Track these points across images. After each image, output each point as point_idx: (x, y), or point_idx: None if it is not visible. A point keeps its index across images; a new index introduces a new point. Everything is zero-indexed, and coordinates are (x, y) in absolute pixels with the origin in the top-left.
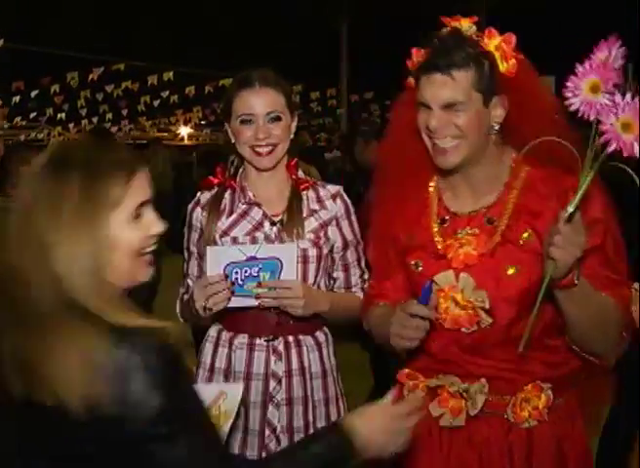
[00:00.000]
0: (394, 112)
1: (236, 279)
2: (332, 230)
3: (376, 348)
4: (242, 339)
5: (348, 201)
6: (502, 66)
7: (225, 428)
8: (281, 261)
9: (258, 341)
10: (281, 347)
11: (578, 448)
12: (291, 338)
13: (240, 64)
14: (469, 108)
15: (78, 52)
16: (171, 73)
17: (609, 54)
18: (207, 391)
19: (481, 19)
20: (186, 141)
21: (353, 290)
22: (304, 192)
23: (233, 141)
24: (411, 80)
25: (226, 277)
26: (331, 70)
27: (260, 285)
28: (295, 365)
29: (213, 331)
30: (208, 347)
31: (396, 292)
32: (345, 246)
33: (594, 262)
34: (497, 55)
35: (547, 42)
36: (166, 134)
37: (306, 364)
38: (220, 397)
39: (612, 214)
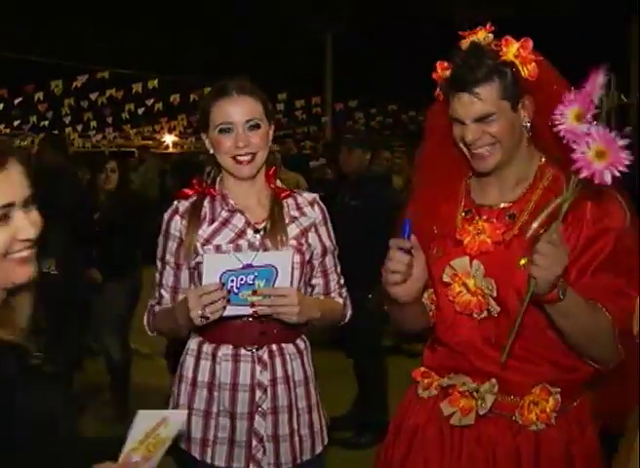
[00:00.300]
0: (428, 121)
1: (232, 287)
2: (312, 236)
3: (359, 355)
4: (226, 351)
5: (324, 207)
6: (524, 72)
7: (158, 455)
8: (276, 269)
9: (242, 352)
10: (266, 356)
11: (587, 454)
12: (274, 347)
13: (225, 73)
14: (500, 117)
15: (62, 59)
16: (155, 81)
17: (594, 85)
18: (149, 417)
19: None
20: (171, 149)
21: (332, 295)
22: (284, 200)
23: (212, 152)
24: (439, 92)
25: (222, 285)
26: (315, 79)
27: (255, 293)
28: (279, 373)
29: (193, 344)
30: (189, 361)
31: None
32: (324, 252)
33: (600, 271)
34: (517, 61)
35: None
36: (150, 141)
37: (290, 372)
38: (161, 423)
39: (629, 223)
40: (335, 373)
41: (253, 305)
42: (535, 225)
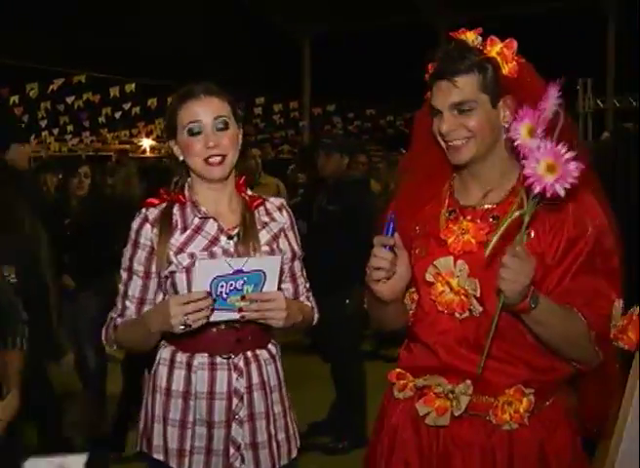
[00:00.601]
0: (415, 123)
1: (221, 292)
2: (282, 241)
3: (337, 360)
4: (202, 359)
5: (291, 212)
6: (505, 69)
7: None
8: (265, 274)
9: (218, 360)
10: (241, 363)
11: (562, 454)
12: (249, 354)
13: (203, 76)
14: (478, 109)
15: (38, 63)
16: (133, 85)
17: (548, 99)
18: (45, 465)
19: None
20: (148, 153)
21: (301, 299)
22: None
23: (181, 159)
24: (428, 93)
25: (210, 291)
26: (294, 83)
27: (243, 298)
28: (255, 379)
29: (165, 354)
30: (162, 370)
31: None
32: (293, 257)
33: (580, 273)
34: (499, 59)
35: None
36: (128, 146)
37: (266, 377)
38: None
39: (607, 223)
40: (312, 378)
41: (240, 310)
42: (494, 239)
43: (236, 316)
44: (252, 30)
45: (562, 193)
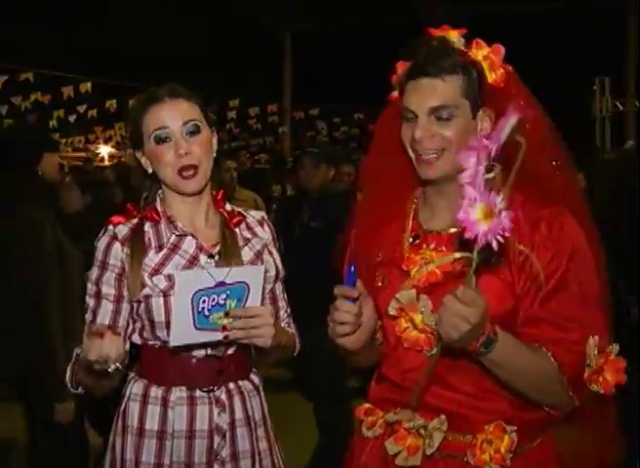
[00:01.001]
0: (377, 128)
1: (202, 309)
2: (266, 259)
3: (320, 400)
4: (179, 394)
5: (272, 226)
6: (490, 77)
7: None
8: (248, 286)
9: (198, 394)
10: (223, 397)
11: None
12: (232, 385)
13: (167, 76)
14: (458, 116)
15: None
16: (89, 84)
17: (501, 128)
18: None
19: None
20: (107, 162)
21: (282, 325)
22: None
23: (150, 171)
24: (394, 94)
25: (192, 307)
26: (272, 83)
27: (227, 314)
28: (239, 414)
29: (136, 389)
30: (133, 407)
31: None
32: (276, 276)
33: (550, 299)
34: (484, 64)
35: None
36: (83, 153)
37: (250, 412)
38: None
39: (586, 248)
40: (293, 418)
41: (224, 329)
42: (416, 276)
43: (219, 336)
44: (223, 24)
45: (495, 245)
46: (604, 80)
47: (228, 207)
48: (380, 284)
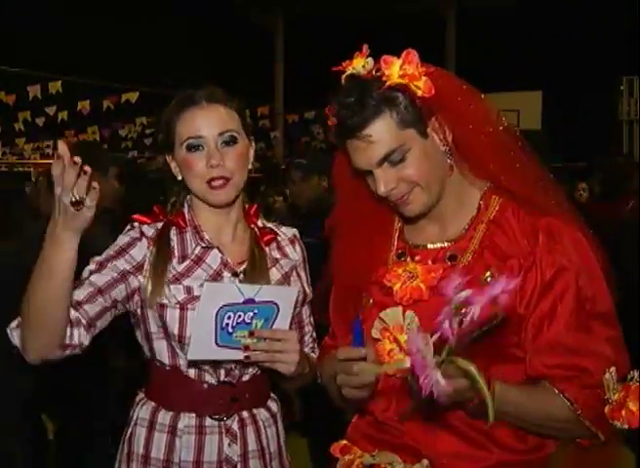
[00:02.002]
0: (335, 172)
1: (227, 324)
2: (293, 281)
3: (315, 434)
4: (188, 421)
5: (303, 246)
6: (417, 90)
7: None
8: (278, 307)
9: (207, 422)
10: (235, 426)
11: None
12: (245, 414)
13: (147, 74)
14: (410, 149)
15: None
16: (59, 84)
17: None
18: None
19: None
20: None
21: (306, 351)
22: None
23: (180, 178)
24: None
25: (215, 321)
26: (263, 82)
27: (252, 334)
28: (252, 446)
29: (144, 413)
30: (139, 433)
31: None
32: (304, 300)
33: (558, 324)
34: (404, 82)
35: (533, 55)
36: (51, 160)
37: (265, 443)
38: None
39: (592, 260)
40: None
41: (247, 348)
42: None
43: (240, 356)
44: (208, 17)
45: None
46: (632, 80)
47: (260, 223)
48: (366, 303)
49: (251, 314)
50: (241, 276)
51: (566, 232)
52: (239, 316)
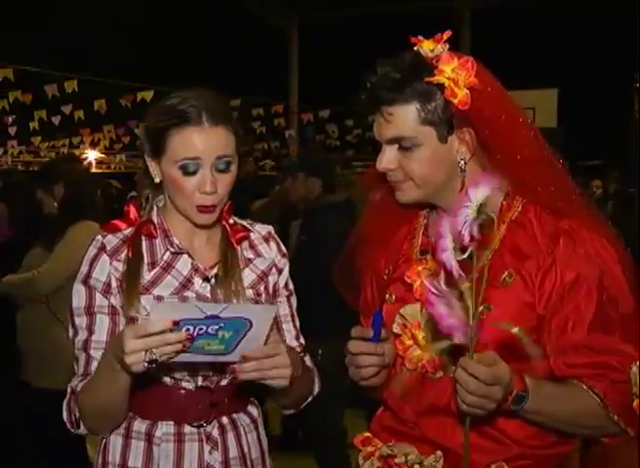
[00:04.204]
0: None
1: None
2: (272, 280)
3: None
4: (166, 428)
5: (280, 242)
6: (454, 99)
7: None
8: (251, 322)
9: (186, 429)
10: (215, 432)
11: None
12: (225, 420)
13: (162, 73)
14: (421, 145)
15: None
16: (75, 83)
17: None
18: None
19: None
20: (94, 169)
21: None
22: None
23: (157, 181)
24: None
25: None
26: (278, 81)
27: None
28: (233, 452)
29: None
30: (115, 441)
31: None
32: (289, 296)
33: (582, 326)
34: (447, 84)
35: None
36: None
37: (246, 449)
38: None
39: (615, 264)
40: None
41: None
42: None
43: (206, 358)
44: (223, 15)
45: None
46: None
47: (232, 220)
48: (388, 299)
49: (215, 327)
50: (212, 281)
51: (588, 235)
52: (200, 329)
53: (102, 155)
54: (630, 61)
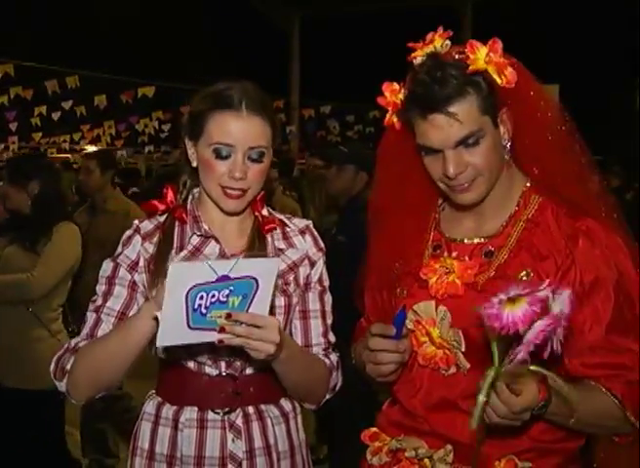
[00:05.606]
0: (381, 154)
1: (199, 305)
2: (303, 271)
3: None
4: (190, 414)
5: (318, 237)
6: (501, 79)
7: None
8: (257, 282)
9: (210, 416)
10: (239, 421)
11: None
12: (251, 409)
13: (163, 69)
14: (484, 135)
15: None
16: (75, 78)
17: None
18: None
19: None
20: None
21: (314, 350)
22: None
23: (194, 165)
24: (392, 119)
25: (186, 303)
26: (278, 76)
27: (229, 316)
28: (257, 443)
29: (150, 407)
30: (145, 428)
31: None
32: (322, 293)
33: (599, 327)
34: (489, 68)
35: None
36: (68, 155)
37: (272, 441)
38: None
39: (632, 265)
40: None
41: (222, 330)
42: (481, 398)
43: (214, 337)
44: (224, 11)
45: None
46: None
47: (265, 211)
48: (400, 295)
49: (226, 292)
50: None
51: (605, 236)
52: (213, 295)
53: None
54: (632, 58)
